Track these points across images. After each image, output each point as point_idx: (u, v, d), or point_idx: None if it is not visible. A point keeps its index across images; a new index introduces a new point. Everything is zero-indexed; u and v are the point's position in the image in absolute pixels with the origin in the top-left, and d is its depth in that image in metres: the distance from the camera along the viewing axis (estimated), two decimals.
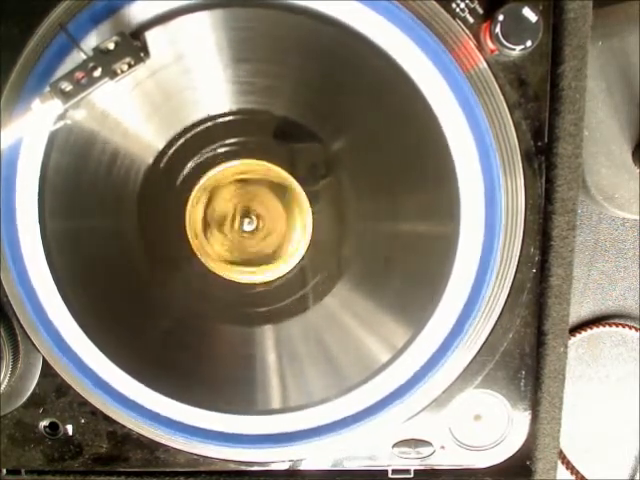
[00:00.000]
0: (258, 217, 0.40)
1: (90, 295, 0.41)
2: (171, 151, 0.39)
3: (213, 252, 0.41)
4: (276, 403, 0.41)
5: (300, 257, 0.40)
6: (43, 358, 0.41)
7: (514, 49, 0.36)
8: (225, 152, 0.39)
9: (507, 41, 0.36)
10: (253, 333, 0.41)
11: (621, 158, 0.46)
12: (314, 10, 0.38)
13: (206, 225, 0.41)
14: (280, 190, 0.40)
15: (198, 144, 0.39)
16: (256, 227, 0.40)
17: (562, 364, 0.41)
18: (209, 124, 0.39)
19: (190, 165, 0.40)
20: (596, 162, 0.46)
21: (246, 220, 0.40)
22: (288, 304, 0.40)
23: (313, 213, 0.40)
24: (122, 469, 0.43)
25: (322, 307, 0.40)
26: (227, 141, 0.39)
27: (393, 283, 0.40)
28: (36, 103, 0.36)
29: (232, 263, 0.41)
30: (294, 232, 0.41)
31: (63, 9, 0.38)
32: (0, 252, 0.40)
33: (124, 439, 0.42)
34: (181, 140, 0.39)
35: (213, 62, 0.38)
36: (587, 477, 0.51)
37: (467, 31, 0.38)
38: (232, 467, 0.43)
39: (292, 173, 0.39)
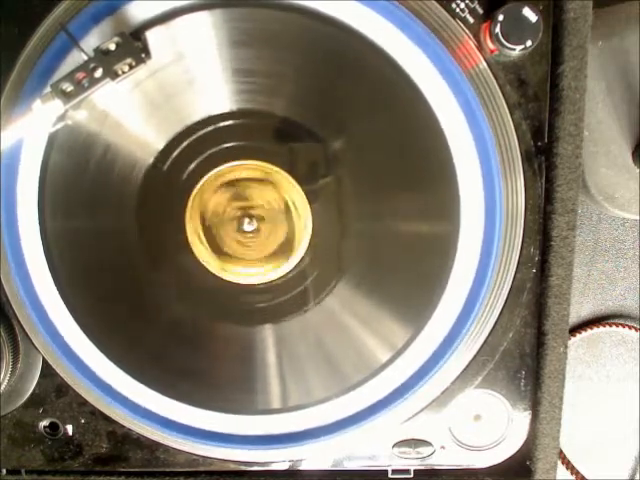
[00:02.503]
0: (258, 218, 0.40)
1: (90, 295, 0.41)
2: (171, 151, 0.39)
3: (213, 252, 0.41)
4: (276, 403, 0.41)
5: (300, 257, 0.40)
6: (43, 358, 0.41)
7: (514, 49, 0.36)
8: (225, 152, 0.39)
9: (507, 41, 0.36)
10: (253, 333, 0.41)
11: (621, 158, 0.46)
12: (314, 10, 0.38)
13: (206, 225, 0.41)
14: (280, 190, 0.40)
15: (198, 144, 0.39)
16: (256, 228, 0.40)
17: (562, 364, 0.41)
18: (209, 124, 0.39)
19: (190, 165, 0.40)
20: (596, 162, 0.46)
21: (246, 220, 0.40)
22: (288, 304, 0.41)
23: (313, 213, 0.40)
24: (122, 469, 0.43)
25: (322, 307, 0.40)
26: (227, 141, 0.39)
27: (393, 283, 0.40)
28: (37, 103, 0.36)
29: (232, 263, 0.41)
30: (294, 232, 0.41)
31: (63, 9, 0.38)
32: (0, 252, 0.40)
33: (124, 439, 0.42)
34: (181, 140, 0.39)
35: (213, 62, 0.38)
36: (587, 477, 0.51)
37: (467, 31, 0.38)
38: (232, 467, 0.43)
39: (292, 173, 0.39)
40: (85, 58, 0.36)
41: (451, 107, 0.38)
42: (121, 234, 0.40)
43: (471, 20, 0.38)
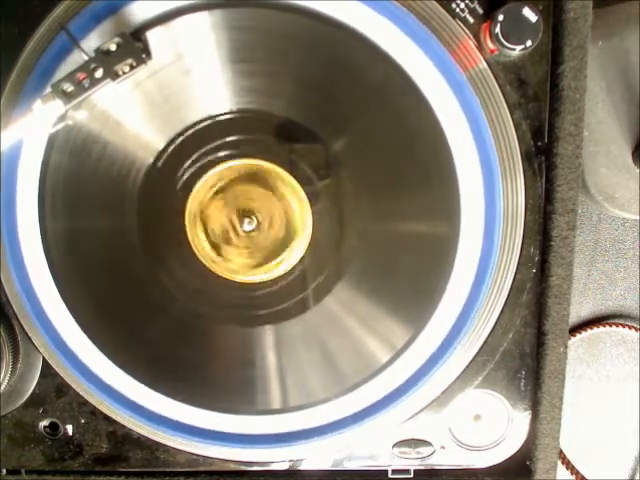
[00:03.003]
0: (258, 217, 0.40)
1: (90, 295, 0.41)
2: (171, 151, 0.39)
3: (213, 252, 0.41)
4: (276, 403, 0.41)
5: (300, 257, 0.40)
6: (43, 358, 0.41)
7: (514, 49, 0.36)
8: (225, 152, 0.39)
9: (507, 41, 0.36)
10: (253, 333, 0.41)
11: (621, 158, 0.46)
12: (314, 10, 0.38)
13: (206, 225, 0.41)
14: (280, 190, 0.40)
15: (198, 144, 0.39)
16: (256, 227, 0.40)
17: (562, 364, 0.41)
18: (209, 124, 0.39)
19: (190, 165, 0.40)
20: (596, 162, 0.46)
21: (246, 220, 0.40)
22: (288, 304, 0.40)
23: (313, 213, 0.40)
24: (122, 469, 0.43)
25: (322, 307, 0.40)
26: (227, 141, 0.39)
27: (393, 283, 0.40)
28: (37, 104, 0.36)
29: (232, 263, 0.41)
30: (294, 232, 0.41)
31: (63, 9, 0.38)
32: (0, 252, 0.40)
33: (124, 439, 0.42)
34: (181, 140, 0.39)
35: (213, 62, 0.38)
36: (587, 477, 0.51)
37: (467, 31, 0.38)
38: (232, 467, 0.43)
39: (292, 173, 0.39)
40: (86, 58, 0.36)
41: (451, 107, 0.38)
42: (121, 234, 0.40)
43: (471, 20, 0.38)
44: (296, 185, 0.40)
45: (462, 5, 0.38)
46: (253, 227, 0.40)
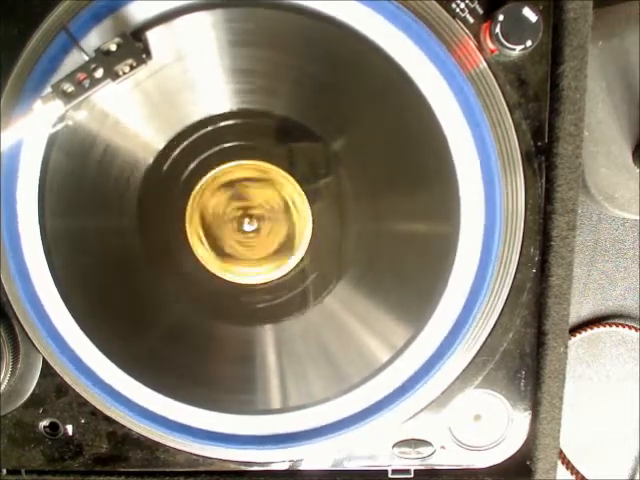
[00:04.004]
0: (258, 218, 0.40)
1: (90, 295, 0.41)
2: (171, 151, 0.39)
3: (213, 252, 0.41)
4: (276, 403, 0.41)
5: (300, 257, 0.40)
6: (43, 358, 0.41)
7: (514, 49, 0.36)
8: (225, 152, 0.39)
9: (507, 41, 0.36)
10: (253, 333, 0.41)
11: (621, 158, 0.46)
12: (314, 10, 0.38)
13: (206, 225, 0.41)
14: (280, 190, 0.40)
15: (198, 144, 0.39)
16: (256, 228, 0.40)
17: (562, 364, 0.41)
18: (209, 124, 0.39)
19: (190, 165, 0.40)
20: (596, 162, 0.46)
21: (246, 220, 0.40)
22: (288, 304, 0.41)
23: (313, 213, 0.40)
24: (122, 469, 0.43)
25: (322, 307, 0.40)
26: (227, 141, 0.39)
27: (393, 283, 0.40)
28: (38, 104, 0.36)
29: (232, 263, 0.41)
30: (294, 232, 0.41)
31: (63, 9, 0.38)
32: (0, 252, 0.40)
33: (124, 439, 0.42)
34: (181, 140, 0.39)
35: (213, 62, 0.38)
36: (587, 477, 0.51)
37: (467, 31, 0.38)
38: (232, 467, 0.43)
39: (292, 173, 0.39)
40: (86, 58, 0.36)
41: (451, 107, 0.38)
42: (121, 234, 0.40)
43: (471, 20, 0.38)
44: (296, 185, 0.40)
45: (462, 5, 0.38)
46: (253, 227, 0.40)
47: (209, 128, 0.39)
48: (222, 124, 0.39)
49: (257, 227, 0.40)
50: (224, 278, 0.41)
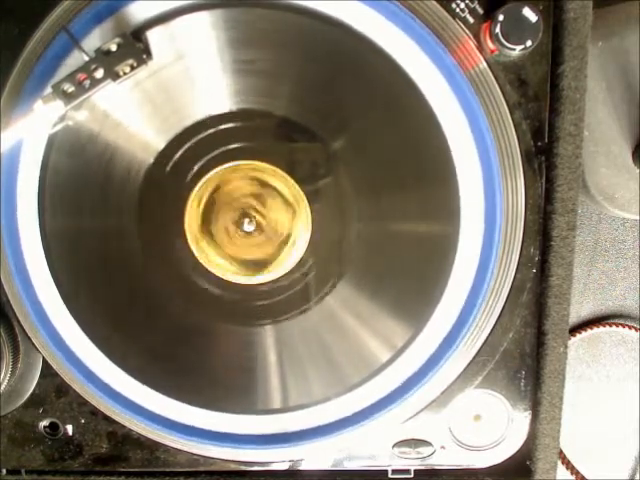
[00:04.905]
0: (258, 218, 0.40)
1: (90, 295, 0.41)
2: (171, 151, 0.39)
3: (213, 252, 0.41)
4: (276, 403, 0.41)
5: (300, 257, 0.40)
6: (43, 358, 0.41)
7: (514, 49, 0.36)
8: (225, 152, 0.39)
9: (507, 41, 0.36)
10: (253, 333, 0.41)
11: (621, 158, 0.46)
12: (314, 10, 0.38)
13: (206, 225, 0.41)
14: (280, 190, 0.40)
15: (198, 144, 0.39)
16: (256, 228, 0.40)
17: (562, 364, 0.41)
18: (209, 124, 0.39)
19: (190, 165, 0.40)
20: (596, 162, 0.46)
21: (246, 221, 0.40)
22: (288, 304, 0.41)
23: (313, 213, 0.40)
24: (122, 469, 0.43)
25: (322, 307, 0.40)
26: (227, 141, 0.39)
27: (393, 283, 0.40)
28: (38, 104, 0.36)
29: (232, 264, 0.41)
30: (294, 232, 0.41)
31: (63, 9, 0.38)
32: (0, 252, 0.40)
33: (124, 439, 0.42)
34: (181, 140, 0.39)
35: (213, 62, 0.38)
36: (587, 477, 0.51)
37: (467, 31, 0.38)
38: (232, 467, 0.43)
39: (292, 173, 0.39)
40: (86, 59, 0.36)
41: (451, 107, 0.38)
42: (121, 234, 0.40)
43: (471, 20, 0.38)
44: (296, 185, 0.40)
45: (462, 5, 0.38)
46: (253, 228, 0.40)
47: (209, 128, 0.39)
48: (222, 124, 0.39)
49: (257, 227, 0.40)
50: (224, 278, 0.41)
